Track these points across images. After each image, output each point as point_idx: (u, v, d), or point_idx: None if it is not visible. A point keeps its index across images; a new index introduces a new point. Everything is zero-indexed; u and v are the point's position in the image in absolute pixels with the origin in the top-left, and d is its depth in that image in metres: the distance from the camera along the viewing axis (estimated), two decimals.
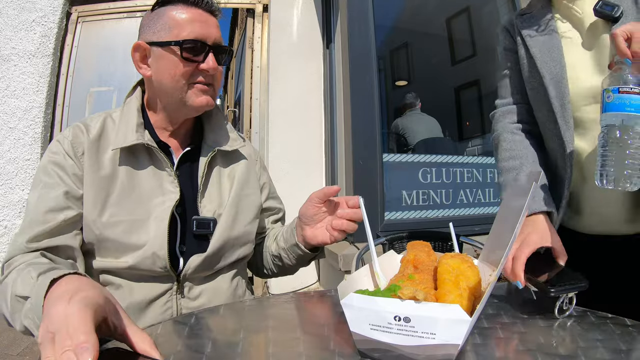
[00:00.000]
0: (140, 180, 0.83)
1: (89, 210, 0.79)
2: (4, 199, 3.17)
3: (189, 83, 0.82)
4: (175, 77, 0.81)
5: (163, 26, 0.81)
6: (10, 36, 3.21)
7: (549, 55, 0.92)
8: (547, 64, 0.92)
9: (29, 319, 0.58)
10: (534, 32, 0.97)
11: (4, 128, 3.17)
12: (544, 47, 0.94)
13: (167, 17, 0.81)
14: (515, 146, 0.98)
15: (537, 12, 1.01)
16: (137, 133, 0.82)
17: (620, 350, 0.54)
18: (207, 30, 0.81)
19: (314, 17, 3.31)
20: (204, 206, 0.88)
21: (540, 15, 0.99)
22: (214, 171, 0.91)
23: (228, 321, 0.69)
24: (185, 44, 0.79)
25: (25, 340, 2.28)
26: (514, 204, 0.62)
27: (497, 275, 0.54)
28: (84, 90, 3.22)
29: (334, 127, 3.21)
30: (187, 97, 0.83)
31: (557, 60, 0.91)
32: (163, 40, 0.80)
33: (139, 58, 0.84)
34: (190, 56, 0.80)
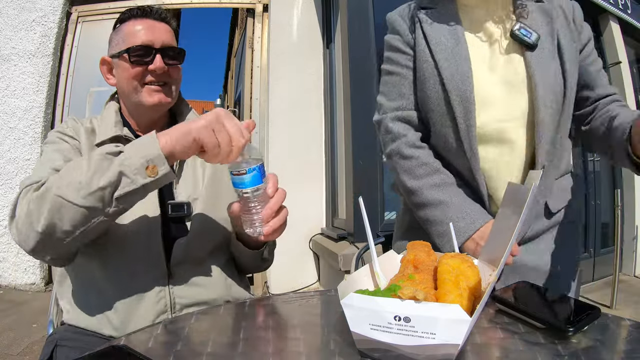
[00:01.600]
0: None
1: None
2: (4, 199, 3.17)
3: (141, 84, 0.90)
4: (128, 80, 0.90)
5: (119, 40, 0.92)
6: (11, 36, 3.21)
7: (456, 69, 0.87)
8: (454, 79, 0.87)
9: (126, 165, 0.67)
10: (439, 35, 0.91)
11: (4, 128, 3.17)
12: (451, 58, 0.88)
13: (123, 31, 0.92)
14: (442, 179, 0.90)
15: (442, 7, 0.94)
16: (116, 128, 0.91)
17: (620, 350, 0.54)
18: (153, 36, 0.90)
19: (314, 17, 3.31)
20: (179, 192, 0.93)
21: (445, 13, 0.92)
22: (189, 159, 0.96)
23: (228, 321, 0.69)
24: (133, 50, 0.89)
25: (25, 340, 2.29)
26: (514, 204, 0.62)
27: (497, 275, 0.54)
28: (84, 90, 3.23)
29: (334, 127, 3.21)
30: (141, 97, 0.91)
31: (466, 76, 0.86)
32: (118, 51, 0.91)
33: (106, 70, 0.95)
34: (138, 59, 0.89)
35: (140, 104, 0.91)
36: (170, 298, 0.86)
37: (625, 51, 4.34)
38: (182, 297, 0.87)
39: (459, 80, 0.86)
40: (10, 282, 3.20)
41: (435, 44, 0.90)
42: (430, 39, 0.91)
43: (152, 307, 0.84)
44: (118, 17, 0.95)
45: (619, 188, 3.87)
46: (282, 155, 3.12)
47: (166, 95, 0.92)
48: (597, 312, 0.63)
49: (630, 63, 4.37)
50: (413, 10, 0.96)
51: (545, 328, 0.60)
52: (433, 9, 0.94)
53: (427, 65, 0.91)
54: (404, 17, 0.97)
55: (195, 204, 0.92)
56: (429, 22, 0.92)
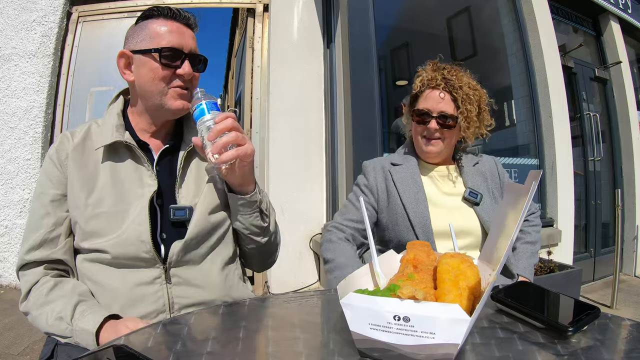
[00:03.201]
0: (121, 175, 0.91)
1: (74, 204, 0.89)
2: (4, 199, 3.18)
3: (168, 87, 0.91)
4: (155, 81, 0.90)
5: (145, 37, 0.91)
6: (11, 36, 3.21)
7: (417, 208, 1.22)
8: (417, 216, 1.21)
9: None
10: (405, 185, 1.27)
11: (5, 128, 3.17)
12: (414, 203, 1.23)
13: (149, 29, 0.91)
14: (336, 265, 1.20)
15: (407, 166, 1.31)
16: (117, 132, 0.91)
17: (620, 350, 0.54)
18: (183, 40, 0.91)
19: (314, 17, 3.31)
20: (182, 196, 0.94)
21: (409, 169, 1.30)
22: (192, 164, 0.97)
23: (228, 321, 0.69)
24: (164, 51, 0.89)
25: (25, 340, 2.29)
26: (514, 204, 0.62)
27: (496, 275, 0.54)
28: (84, 90, 3.23)
29: (334, 127, 3.21)
30: (166, 100, 0.92)
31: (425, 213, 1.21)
32: (145, 48, 0.90)
33: (123, 65, 0.93)
34: (168, 62, 0.89)
35: (162, 106, 0.92)
36: (168, 296, 0.87)
37: (625, 51, 4.33)
38: (180, 297, 0.88)
39: (420, 216, 1.21)
40: (10, 282, 3.20)
41: (402, 191, 1.26)
42: (399, 187, 1.27)
43: (151, 304, 0.85)
44: (143, 12, 0.94)
45: (619, 188, 3.87)
46: (282, 155, 3.12)
47: (187, 101, 0.94)
48: (597, 312, 0.63)
49: (630, 63, 4.37)
50: (386, 164, 1.33)
51: (545, 328, 0.60)
52: (401, 165, 1.32)
53: (398, 207, 1.25)
54: (376, 168, 1.34)
55: (196, 207, 0.93)
56: (398, 175, 1.29)
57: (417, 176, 1.29)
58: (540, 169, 3.45)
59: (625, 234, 4.05)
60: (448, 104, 1.23)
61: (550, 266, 2.77)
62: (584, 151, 3.94)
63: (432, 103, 1.24)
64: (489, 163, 1.37)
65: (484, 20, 3.71)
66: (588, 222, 3.95)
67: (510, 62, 3.62)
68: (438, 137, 1.25)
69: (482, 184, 1.30)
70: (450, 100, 1.23)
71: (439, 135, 1.25)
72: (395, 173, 1.30)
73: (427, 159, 1.32)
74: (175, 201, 0.92)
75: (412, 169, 1.30)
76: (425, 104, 1.25)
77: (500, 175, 1.36)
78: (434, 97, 1.24)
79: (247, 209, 0.94)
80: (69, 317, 0.81)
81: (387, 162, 1.35)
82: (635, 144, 4.21)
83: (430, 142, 1.26)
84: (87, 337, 0.78)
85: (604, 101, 4.35)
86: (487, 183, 1.31)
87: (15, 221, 3.16)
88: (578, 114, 3.96)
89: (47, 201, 0.90)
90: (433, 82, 1.24)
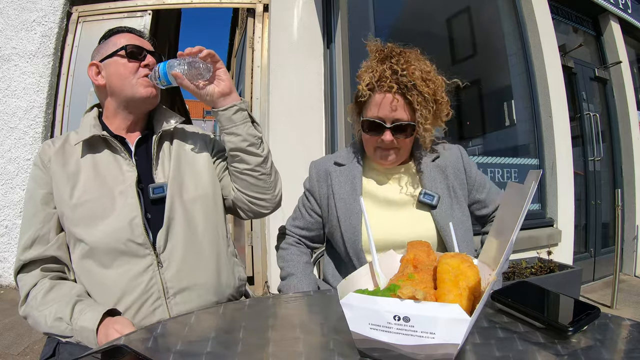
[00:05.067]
0: (102, 167, 0.97)
1: (59, 198, 0.94)
2: (4, 199, 3.17)
3: (135, 77, 0.99)
4: (124, 75, 0.99)
5: (109, 46, 1.02)
6: (11, 36, 3.21)
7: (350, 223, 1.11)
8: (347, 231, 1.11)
9: None
10: (342, 192, 1.15)
11: (5, 128, 3.17)
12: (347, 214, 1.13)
13: (111, 40, 1.03)
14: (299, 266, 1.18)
15: (349, 168, 1.18)
16: (94, 129, 0.98)
17: (620, 350, 0.54)
18: (141, 42, 1.04)
19: (314, 17, 3.30)
20: (158, 176, 1.00)
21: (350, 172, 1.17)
22: (164, 147, 1.05)
23: (228, 321, 0.69)
24: (128, 47, 1.00)
25: (26, 340, 2.29)
26: (514, 204, 0.62)
27: (496, 275, 0.54)
28: (84, 90, 3.22)
29: (334, 127, 3.21)
30: (135, 90, 0.99)
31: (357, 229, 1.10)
32: (110, 52, 1.00)
33: (94, 73, 1.02)
34: (132, 56, 1.00)
35: (133, 96, 0.99)
36: (162, 283, 0.91)
37: (625, 51, 4.33)
38: (173, 281, 0.91)
39: (352, 230, 1.10)
40: (10, 282, 3.20)
41: (338, 199, 1.15)
42: (336, 194, 1.16)
43: (146, 292, 0.89)
44: (103, 35, 1.06)
45: (619, 188, 3.87)
46: (282, 155, 3.11)
47: (154, 89, 1.02)
48: (597, 312, 0.63)
49: (630, 63, 4.37)
50: (329, 165, 1.21)
51: (545, 328, 0.60)
52: (344, 166, 1.19)
53: (333, 217, 1.15)
54: (319, 170, 1.23)
55: (167, 190, 0.98)
56: (337, 179, 1.17)
57: (358, 181, 1.14)
58: (540, 169, 3.45)
59: (625, 234, 4.05)
60: (402, 109, 1.05)
61: (550, 266, 2.77)
62: (584, 151, 3.94)
63: (385, 111, 1.06)
64: (452, 155, 1.18)
65: (484, 20, 3.71)
66: (588, 222, 3.95)
67: (510, 62, 3.62)
68: (394, 146, 1.09)
69: (441, 183, 1.14)
70: (405, 104, 1.05)
71: (394, 145, 1.09)
72: (334, 176, 1.18)
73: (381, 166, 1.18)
74: (153, 180, 0.99)
75: (353, 172, 1.16)
76: (377, 111, 1.07)
77: (465, 168, 1.19)
78: (386, 103, 1.06)
79: (239, 116, 1.01)
80: (68, 317, 0.84)
81: (331, 162, 1.21)
82: (635, 144, 4.21)
83: (386, 152, 1.11)
84: (88, 334, 0.81)
85: (604, 101, 4.35)
86: (447, 181, 1.14)
87: (15, 221, 3.16)
88: (578, 114, 3.96)
89: (36, 201, 0.95)
90: (383, 84, 1.05)
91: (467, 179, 1.19)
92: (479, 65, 3.59)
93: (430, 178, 1.14)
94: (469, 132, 3.68)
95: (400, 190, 1.15)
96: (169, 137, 1.07)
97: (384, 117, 1.06)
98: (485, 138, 3.62)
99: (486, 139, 3.61)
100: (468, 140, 3.62)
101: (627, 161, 4.24)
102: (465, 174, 1.19)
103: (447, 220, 1.08)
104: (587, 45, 4.30)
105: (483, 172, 1.26)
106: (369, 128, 1.10)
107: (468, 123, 3.83)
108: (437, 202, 1.10)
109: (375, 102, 1.07)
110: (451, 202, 1.13)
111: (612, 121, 4.30)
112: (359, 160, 1.18)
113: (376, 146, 1.11)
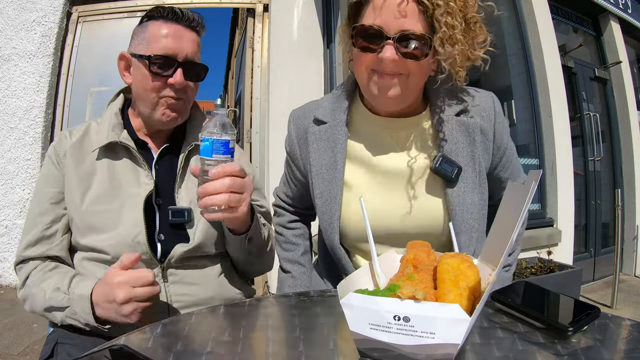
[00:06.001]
0: (118, 173, 0.90)
1: (70, 200, 0.89)
2: (4, 199, 3.17)
3: (158, 97, 0.88)
4: (146, 90, 0.88)
5: (143, 39, 0.88)
6: (11, 36, 3.21)
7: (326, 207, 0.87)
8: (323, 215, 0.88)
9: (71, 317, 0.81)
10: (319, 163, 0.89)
11: (5, 128, 3.17)
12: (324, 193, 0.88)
13: (148, 31, 0.88)
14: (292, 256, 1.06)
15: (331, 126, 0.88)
16: (113, 132, 0.90)
17: (620, 350, 0.54)
18: (178, 46, 0.86)
19: (314, 17, 3.30)
20: (181, 197, 0.92)
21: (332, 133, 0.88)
22: (193, 164, 0.93)
23: (228, 321, 0.69)
24: (154, 59, 0.85)
25: (26, 340, 2.29)
26: (514, 204, 0.62)
27: (496, 275, 0.54)
28: (84, 90, 3.23)
29: None
30: (154, 112, 0.89)
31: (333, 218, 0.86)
32: (140, 53, 0.87)
33: (123, 67, 0.92)
34: (158, 71, 0.86)
35: (151, 116, 0.90)
36: (167, 294, 0.87)
37: (625, 51, 4.33)
38: (178, 295, 0.88)
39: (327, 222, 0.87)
40: (10, 282, 3.20)
41: (315, 173, 0.89)
42: (313, 166, 0.90)
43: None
44: (147, 12, 0.90)
45: (619, 188, 3.87)
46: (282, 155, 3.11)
47: (178, 114, 0.91)
48: (597, 312, 0.63)
49: (630, 63, 4.37)
50: (309, 121, 0.92)
51: (545, 328, 0.60)
52: (325, 124, 0.89)
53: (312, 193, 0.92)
54: (299, 126, 0.95)
55: (197, 209, 0.91)
56: (315, 144, 0.89)
57: (340, 147, 0.86)
58: (540, 169, 3.43)
59: (625, 234, 4.05)
60: (414, 17, 0.74)
61: (550, 266, 2.77)
62: (584, 151, 3.94)
63: (388, 16, 0.74)
64: (483, 109, 0.86)
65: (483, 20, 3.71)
66: (588, 222, 3.95)
67: (510, 62, 3.62)
68: (397, 72, 0.77)
69: (465, 149, 0.83)
70: (418, 11, 0.74)
71: (398, 69, 0.76)
72: (312, 140, 0.89)
73: (380, 106, 0.85)
74: (174, 202, 0.92)
75: (336, 133, 0.87)
76: (377, 17, 0.75)
77: (496, 131, 0.87)
78: (391, 6, 0.74)
79: (237, 242, 0.90)
80: (65, 287, 0.82)
81: (311, 116, 0.92)
82: (635, 144, 4.21)
83: (385, 80, 0.78)
84: (83, 302, 0.78)
85: (604, 101, 4.36)
86: (473, 147, 0.84)
87: (15, 221, 3.16)
88: (578, 114, 3.96)
89: (45, 199, 0.90)
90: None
91: (494, 148, 0.87)
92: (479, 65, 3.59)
93: (452, 139, 0.83)
94: None
95: (405, 154, 0.85)
96: None
97: (384, 25, 0.74)
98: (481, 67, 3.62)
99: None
100: None
101: (627, 161, 4.24)
102: (494, 141, 0.87)
103: (463, 204, 0.82)
104: (587, 45, 4.30)
105: None
106: (363, 40, 0.77)
107: None
108: (456, 175, 0.81)
109: (375, 5, 0.76)
110: (474, 178, 0.84)
111: (612, 121, 4.30)
112: (347, 111, 0.88)
113: (372, 68, 0.78)
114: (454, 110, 0.85)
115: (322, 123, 0.90)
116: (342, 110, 0.88)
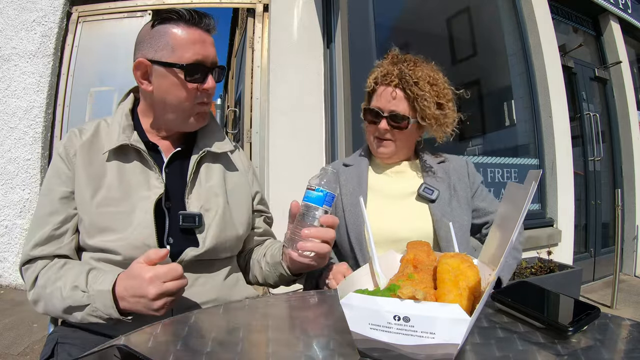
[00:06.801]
0: (128, 176, 0.89)
1: (80, 200, 0.88)
2: (4, 199, 3.17)
3: (192, 105, 0.90)
4: (181, 99, 0.88)
5: (165, 45, 0.85)
6: (11, 36, 3.21)
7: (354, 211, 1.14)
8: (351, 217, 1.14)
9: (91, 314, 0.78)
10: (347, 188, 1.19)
11: (5, 128, 3.17)
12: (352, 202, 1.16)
13: (169, 36, 0.85)
14: None
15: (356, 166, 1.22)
16: (124, 134, 0.89)
17: (620, 350, 0.54)
18: (206, 52, 0.88)
19: (314, 17, 3.30)
20: (191, 202, 0.92)
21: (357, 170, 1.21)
22: (203, 170, 0.96)
23: (228, 321, 0.69)
24: (189, 67, 0.85)
25: (26, 340, 2.29)
26: (514, 204, 0.62)
27: (496, 275, 0.54)
28: (84, 90, 3.22)
29: (334, 127, 3.21)
30: (187, 119, 0.91)
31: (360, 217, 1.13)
32: (166, 61, 0.85)
33: (140, 75, 0.89)
34: (194, 79, 0.87)
35: (185, 122, 0.92)
36: None
37: (625, 51, 4.34)
38: (183, 298, 0.87)
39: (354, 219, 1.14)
40: (10, 282, 3.20)
41: (344, 193, 1.19)
42: (343, 188, 1.20)
43: None
44: (160, 14, 0.88)
45: (619, 188, 3.87)
46: (282, 155, 3.12)
47: (207, 118, 0.95)
48: (597, 312, 0.63)
49: (630, 63, 4.38)
50: (339, 166, 1.27)
51: (545, 328, 0.60)
52: (351, 166, 1.25)
53: (339, 210, 1.18)
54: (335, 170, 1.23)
55: (207, 215, 0.91)
56: (345, 177, 1.22)
57: (364, 177, 1.20)
58: (540, 169, 3.44)
59: (625, 234, 4.05)
60: (400, 102, 1.12)
61: (550, 266, 2.77)
62: (584, 151, 3.94)
63: (384, 102, 1.14)
64: (458, 164, 1.24)
65: (484, 20, 3.71)
66: (588, 222, 3.95)
67: (510, 62, 3.62)
68: (389, 138, 1.16)
69: (443, 181, 1.18)
70: (404, 98, 1.12)
71: (389, 136, 1.15)
72: (342, 175, 1.22)
73: (381, 160, 1.23)
74: (185, 207, 0.91)
75: (360, 169, 1.22)
76: (377, 102, 1.16)
77: (470, 175, 1.23)
78: (386, 95, 1.14)
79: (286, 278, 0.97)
80: (83, 285, 0.80)
81: (340, 164, 1.29)
82: (635, 144, 4.21)
83: (381, 143, 1.17)
84: (104, 297, 0.77)
85: (604, 101, 4.36)
86: (449, 180, 1.18)
87: (15, 221, 3.16)
88: (578, 114, 3.96)
89: (55, 198, 0.88)
90: (387, 79, 1.14)
91: (470, 184, 1.22)
92: (479, 65, 3.59)
93: (432, 175, 1.19)
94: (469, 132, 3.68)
95: (402, 185, 1.19)
96: (210, 159, 0.98)
97: (382, 107, 1.14)
98: (485, 138, 3.62)
99: (486, 138, 3.61)
100: (468, 140, 3.62)
101: (627, 161, 4.24)
102: (469, 180, 1.22)
103: (444, 215, 1.11)
104: (587, 45, 4.31)
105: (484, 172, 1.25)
106: (368, 116, 1.18)
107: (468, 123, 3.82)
108: (436, 196, 1.13)
109: (377, 94, 1.17)
110: (450, 198, 1.15)
111: (612, 121, 4.30)
112: (367, 159, 1.25)
113: (374, 136, 1.18)
114: (436, 160, 1.24)
115: (349, 165, 1.26)
116: (363, 159, 1.25)
